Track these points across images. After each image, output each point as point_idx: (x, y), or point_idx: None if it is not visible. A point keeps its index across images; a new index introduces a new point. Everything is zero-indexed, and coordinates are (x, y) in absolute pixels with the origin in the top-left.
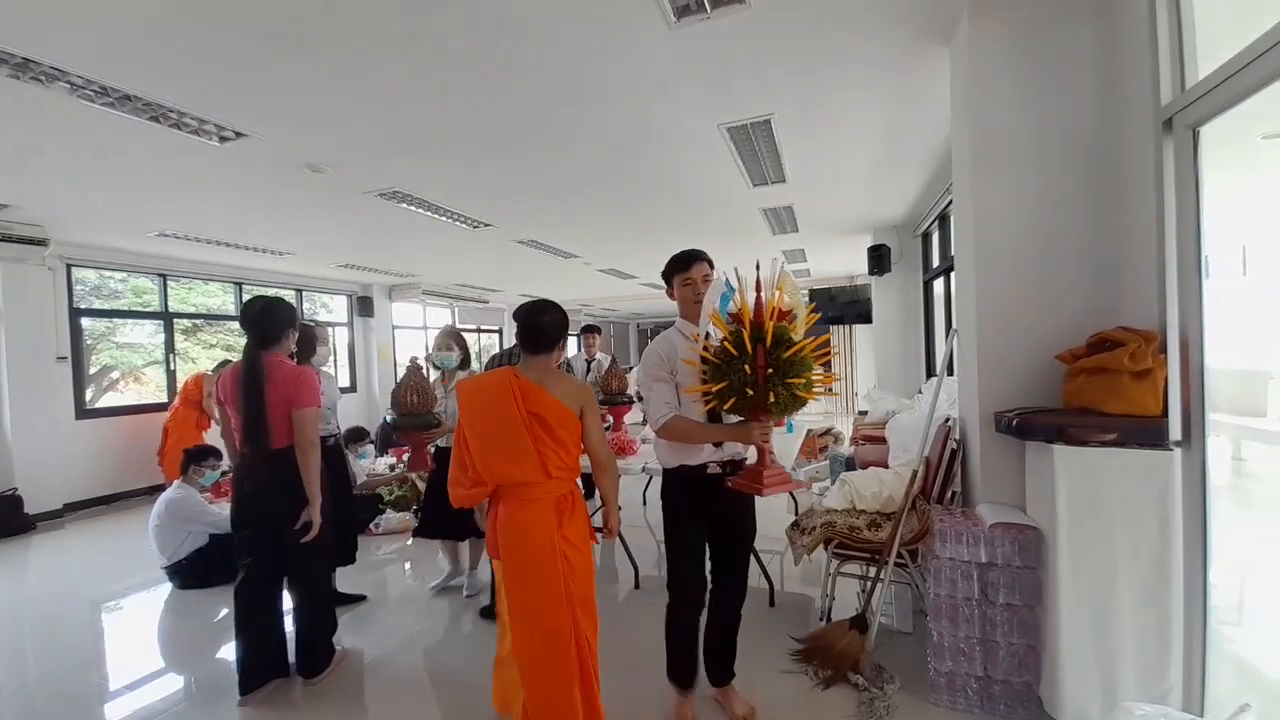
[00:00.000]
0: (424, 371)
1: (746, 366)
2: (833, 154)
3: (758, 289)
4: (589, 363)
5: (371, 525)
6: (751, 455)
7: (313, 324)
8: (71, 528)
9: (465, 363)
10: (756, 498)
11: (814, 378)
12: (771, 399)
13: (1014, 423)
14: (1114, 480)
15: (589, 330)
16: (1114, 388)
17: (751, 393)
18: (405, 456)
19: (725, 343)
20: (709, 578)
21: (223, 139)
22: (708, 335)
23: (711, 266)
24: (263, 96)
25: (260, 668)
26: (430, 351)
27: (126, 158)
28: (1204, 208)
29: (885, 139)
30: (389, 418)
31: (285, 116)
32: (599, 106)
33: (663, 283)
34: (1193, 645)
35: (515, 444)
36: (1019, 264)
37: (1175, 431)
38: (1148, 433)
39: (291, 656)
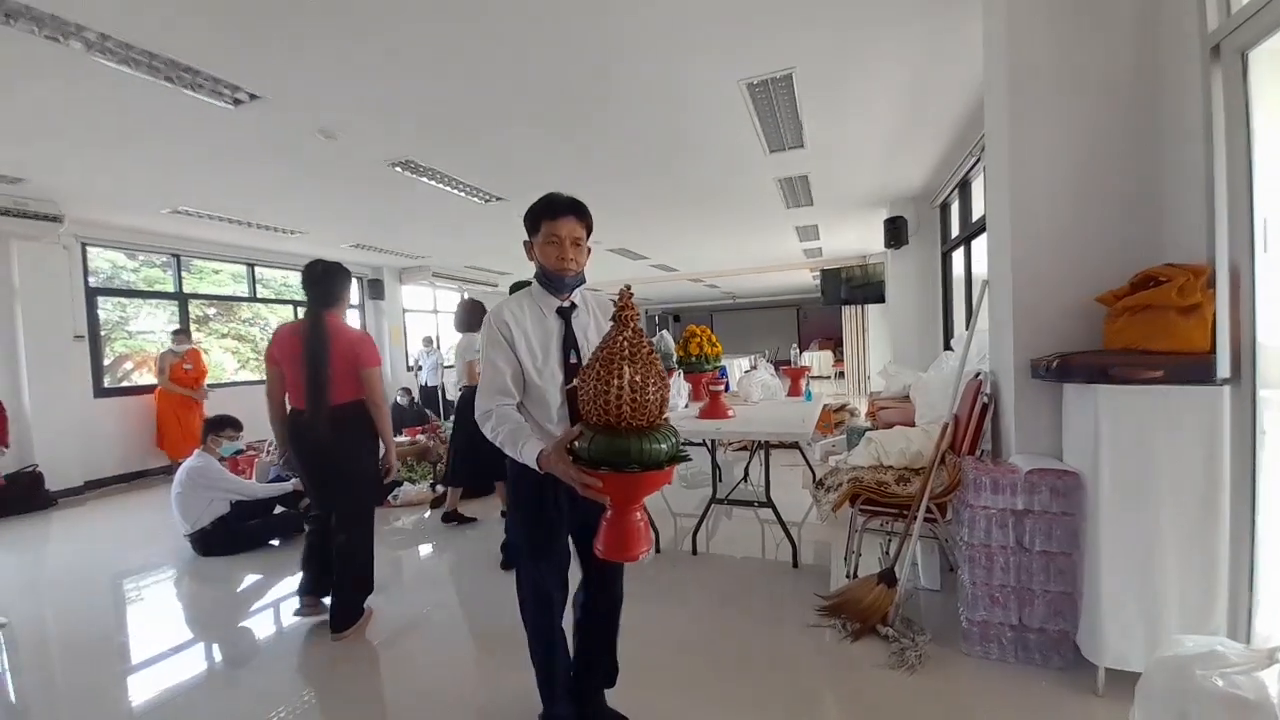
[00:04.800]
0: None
1: None
2: (854, 114)
3: None
4: None
5: (390, 497)
6: None
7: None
8: (93, 504)
9: None
10: None
11: None
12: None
13: (1053, 365)
14: (1159, 419)
15: None
16: (1160, 325)
17: None
18: (419, 435)
19: None
20: None
21: (236, 101)
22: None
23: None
24: (277, 55)
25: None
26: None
27: (140, 123)
28: (1254, 134)
29: (908, 98)
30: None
31: (300, 77)
32: (623, 73)
33: (674, 266)
34: (1239, 586)
35: None
36: (1056, 208)
37: (1223, 368)
38: (1195, 369)
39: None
